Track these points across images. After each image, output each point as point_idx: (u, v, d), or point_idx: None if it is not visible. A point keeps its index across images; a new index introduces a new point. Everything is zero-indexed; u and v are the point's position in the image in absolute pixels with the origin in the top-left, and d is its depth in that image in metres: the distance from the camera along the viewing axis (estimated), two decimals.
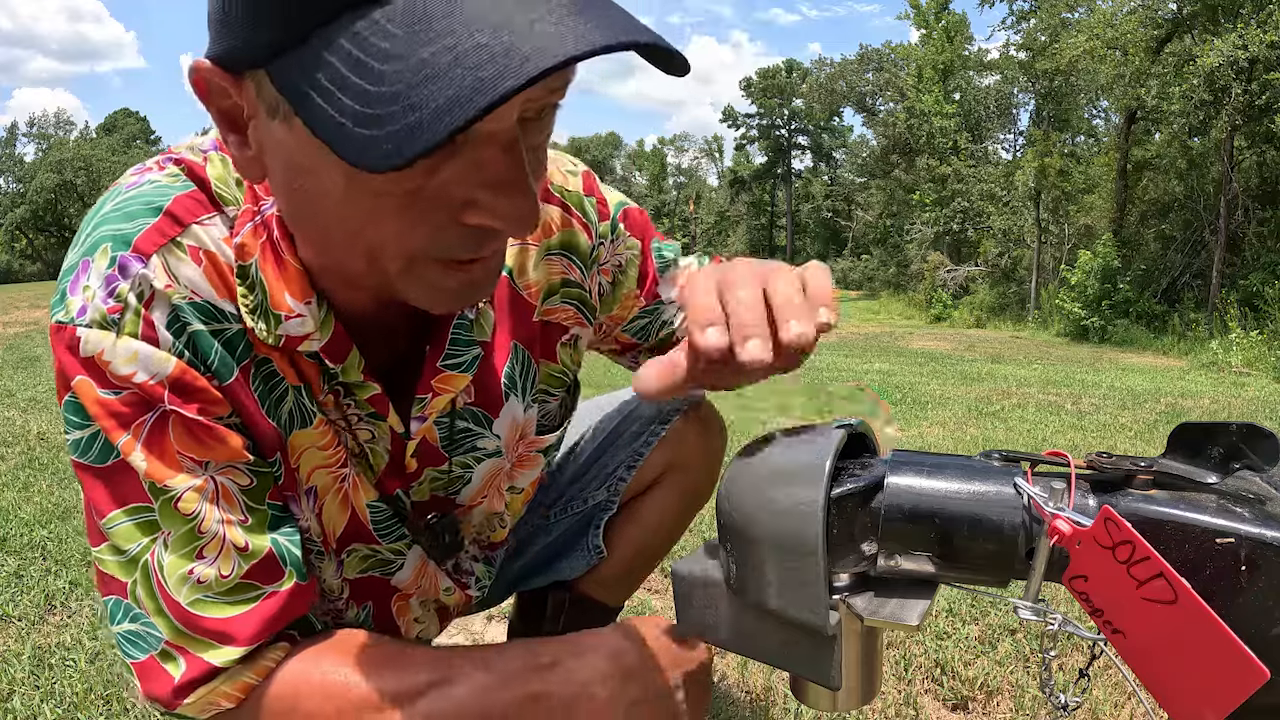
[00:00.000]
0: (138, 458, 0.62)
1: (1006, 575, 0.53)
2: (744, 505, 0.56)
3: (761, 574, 0.56)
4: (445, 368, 0.75)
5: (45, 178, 42.44)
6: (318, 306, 0.66)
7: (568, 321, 0.87)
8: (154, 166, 0.69)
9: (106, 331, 0.61)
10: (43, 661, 1.48)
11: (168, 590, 0.64)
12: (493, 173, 0.53)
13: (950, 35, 25.78)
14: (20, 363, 6.03)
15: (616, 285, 0.90)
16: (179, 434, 0.63)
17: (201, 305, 0.64)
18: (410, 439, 0.76)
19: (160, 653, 0.64)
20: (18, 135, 49.24)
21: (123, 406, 0.62)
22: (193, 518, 0.64)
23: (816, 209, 46.15)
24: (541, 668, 0.66)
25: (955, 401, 5.00)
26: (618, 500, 1.11)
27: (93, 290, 0.62)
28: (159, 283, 0.63)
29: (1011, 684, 1.46)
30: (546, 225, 0.83)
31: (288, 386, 0.70)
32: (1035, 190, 17.69)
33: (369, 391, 0.72)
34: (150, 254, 0.63)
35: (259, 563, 0.66)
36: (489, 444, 0.84)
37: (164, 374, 0.62)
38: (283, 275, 0.65)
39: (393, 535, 0.81)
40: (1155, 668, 0.46)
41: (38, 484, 2.64)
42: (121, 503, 0.64)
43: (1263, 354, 9.13)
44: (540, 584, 1.15)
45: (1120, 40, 13.60)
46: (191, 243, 0.64)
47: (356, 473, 0.76)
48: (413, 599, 0.89)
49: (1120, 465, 0.52)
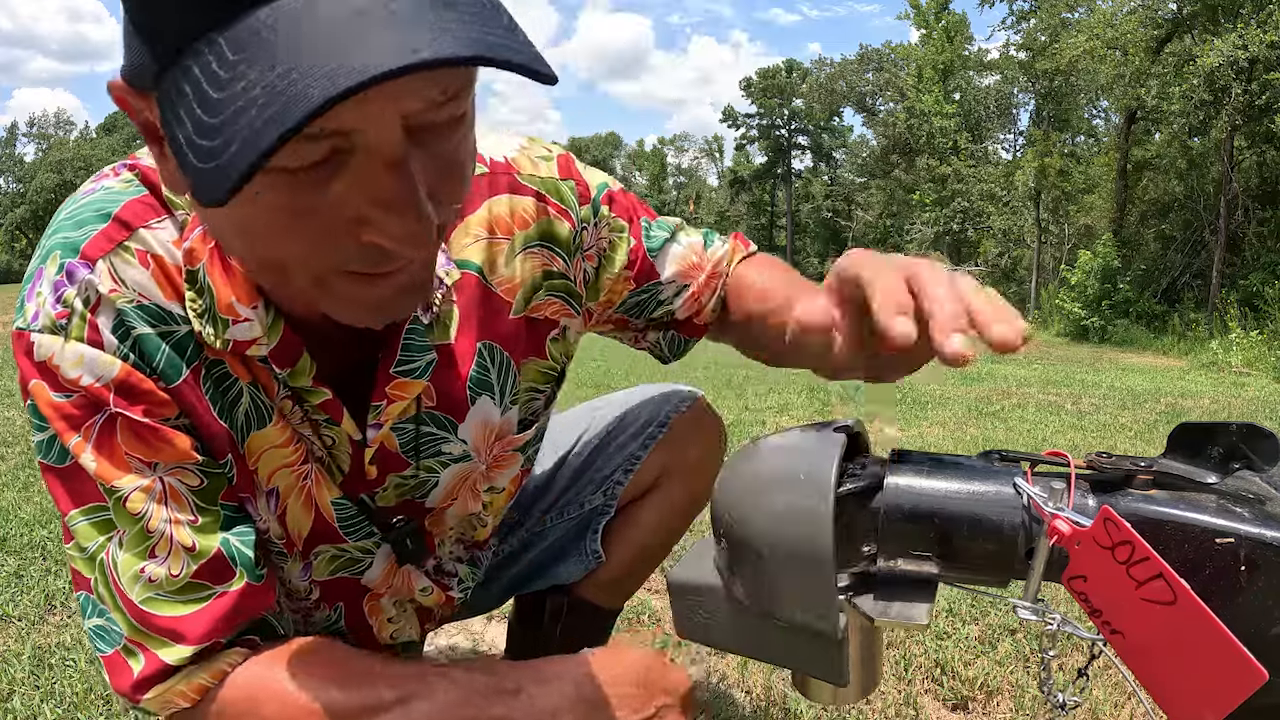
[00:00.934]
0: (88, 459, 0.64)
1: (1006, 575, 0.52)
2: (745, 510, 0.56)
3: (766, 581, 0.55)
4: (399, 374, 0.73)
5: (45, 178, 42.46)
6: (265, 311, 0.66)
7: (556, 315, 0.84)
8: (110, 173, 0.70)
9: (56, 336, 0.63)
10: (43, 661, 1.48)
11: (122, 588, 0.66)
12: (379, 191, 0.51)
13: (950, 35, 25.78)
14: None
15: (601, 269, 0.87)
16: (125, 436, 0.65)
17: (149, 308, 0.65)
18: (367, 446, 0.75)
19: (123, 648, 0.67)
20: (18, 135, 49.28)
21: (73, 409, 0.64)
22: (140, 517, 0.65)
23: (816, 209, 46.15)
24: (505, 693, 0.66)
25: (955, 401, 5.00)
26: (615, 504, 1.10)
27: (44, 297, 0.64)
28: (104, 287, 0.64)
29: (1011, 684, 1.46)
30: (519, 218, 0.80)
31: (242, 387, 0.70)
32: (1035, 190, 17.69)
33: (320, 397, 0.71)
34: (96, 259, 0.64)
35: (207, 562, 0.67)
36: (454, 448, 0.82)
37: (109, 377, 0.64)
38: (230, 280, 0.65)
39: (360, 533, 0.80)
40: (1154, 668, 0.46)
41: (38, 484, 2.64)
42: (79, 502, 0.66)
43: (1263, 354, 9.14)
44: (538, 588, 1.15)
45: (1120, 40, 13.60)
46: (139, 246, 0.65)
47: (319, 470, 0.76)
48: (384, 599, 0.87)
49: (1120, 465, 0.52)
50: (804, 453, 0.56)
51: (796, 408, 4.53)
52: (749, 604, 0.57)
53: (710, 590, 0.61)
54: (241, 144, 0.43)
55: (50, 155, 44.54)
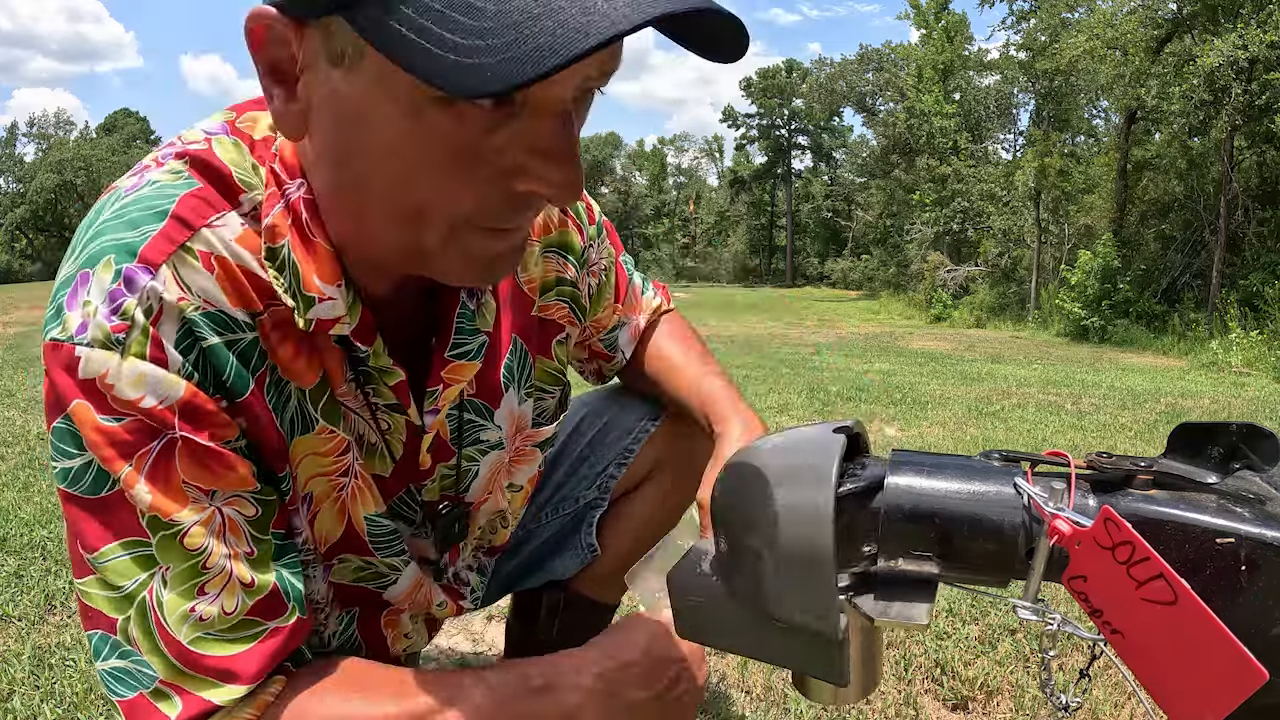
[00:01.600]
0: (140, 490, 0.58)
1: (1006, 575, 0.52)
2: (745, 510, 0.56)
3: (766, 582, 0.55)
4: (452, 357, 0.74)
5: (45, 178, 42.45)
6: (346, 289, 0.65)
7: (561, 320, 0.89)
8: (153, 164, 0.65)
9: (110, 352, 0.57)
10: (43, 661, 1.48)
11: (167, 629, 0.60)
12: (547, 140, 0.55)
13: (950, 35, 25.78)
14: (20, 363, 6.03)
15: (601, 289, 0.95)
16: (186, 462, 0.60)
17: (215, 315, 0.61)
18: (426, 432, 0.76)
19: (153, 691, 0.60)
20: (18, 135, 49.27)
21: (125, 434, 0.58)
22: (198, 553, 0.60)
23: (816, 209, 46.14)
24: (534, 691, 0.67)
25: (955, 401, 5.00)
26: (608, 498, 1.10)
27: (94, 306, 0.58)
28: (170, 295, 0.59)
29: (1011, 684, 1.46)
30: (545, 223, 0.85)
31: (292, 391, 0.68)
32: (1035, 190, 17.68)
33: (394, 378, 0.71)
34: (159, 264, 0.59)
35: (264, 599, 0.63)
36: (492, 435, 0.84)
37: (174, 398, 0.59)
38: (313, 257, 0.63)
39: (390, 550, 0.79)
40: (1154, 668, 0.46)
41: (38, 484, 2.64)
42: (117, 535, 0.59)
43: (1263, 354, 9.13)
44: (534, 584, 1.15)
45: (1120, 40, 13.59)
46: (202, 248, 0.61)
47: (358, 484, 0.74)
48: (404, 614, 0.87)
49: (1120, 465, 0.52)
50: (804, 453, 0.56)
51: (796, 408, 4.53)
52: (749, 604, 0.57)
53: (710, 590, 0.61)
54: (537, 49, 0.45)
55: (50, 155, 44.51)
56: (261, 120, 0.68)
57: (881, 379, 6.14)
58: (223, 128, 0.67)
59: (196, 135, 0.66)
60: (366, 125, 0.54)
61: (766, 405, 4.59)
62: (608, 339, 1.01)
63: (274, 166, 0.65)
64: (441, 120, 0.52)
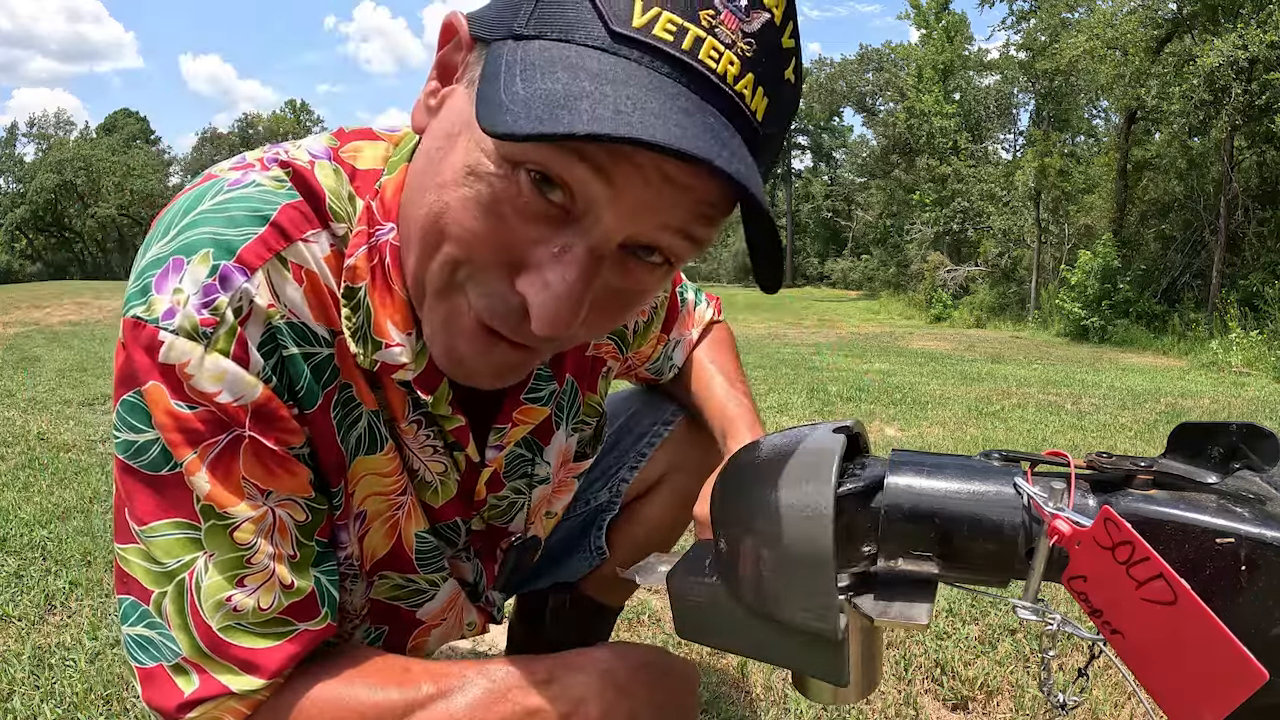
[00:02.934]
0: (201, 479, 0.60)
1: (1006, 575, 0.52)
2: (745, 510, 0.56)
3: (766, 582, 0.55)
4: (527, 400, 0.77)
5: (45, 178, 42.42)
6: (416, 339, 0.66)
7: (606, 355, 0.91)
8: (257, 164, 0.66)
9: (195, 343, 0.58)
10: (43, 661, 1.48)
11: (201, 612, 0.62)
12: (555, 262, 0.55)
13: (950, 35, 25.78)
14: (20, 363, 6.03)
15: (650, 324, 0.97)
16: (249, 460, 0.61)
17: (298, 326, 0.63)
18: (486, 467, 0.78)
19: (173, 665, 0.62)
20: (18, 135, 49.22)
21: (197, 423, 0.59)
22: (246, 548, 0.62)
23: (816, 209, 46.12)
24: (538, 682, 0.67)
25: (955, 401, 5.00)
26: (620, 501, 1.11)
27: (185, 295, 0.59)
28: (261, 300, 0.60)
29: (1011, 684, 1.46)
30: None
31: (364, 411, 0.69)
32: (1035, 190, 17.69)
33: (454, 424, 0.73)
34: (256, 268, 0.60)
35: (300, 601, 0.65)
36: (541, 470, 0.86)
37: (250, 398, 0.60)
38: (389, 303, 0.65)
39: (433, 566, 0.81)
40: (1154, 668, 0.46)
41: (38, 484, 2.64)
42: (169, 514, 0.61)
43: (1263, 354, 9.13)
44: (542, 585, 1.15)
45: (1120, 40, 13.60)
46: (295, 260, 0.62)
47: (413, 501, 0.76)
48: (435, 631, 0.88)
49: (1120, 465, 0.52)
50: (804, 453, 0.56)
51: (796, 408, 4.53)
52: (749, 604, 0.57)
53: (710, 591, 0.61)
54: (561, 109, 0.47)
55: (50, 155, 44.46)
56: (365, 151, 0.69)
57: (881, 379, 6.14)
58: (327, 153, 0.68)
59: (302, 154, 0.67)
60: (452, 142, 0.57)
61: (766, 405, 4.59)
62: (653, 367, 1.04)
63: (372, 204, 0.66)
64: (500, 175, 0.54)
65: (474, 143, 0.55)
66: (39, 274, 40.96)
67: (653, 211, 0.54)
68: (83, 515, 2.31)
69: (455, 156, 0.56)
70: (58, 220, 43.74)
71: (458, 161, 0.56)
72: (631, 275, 0.58)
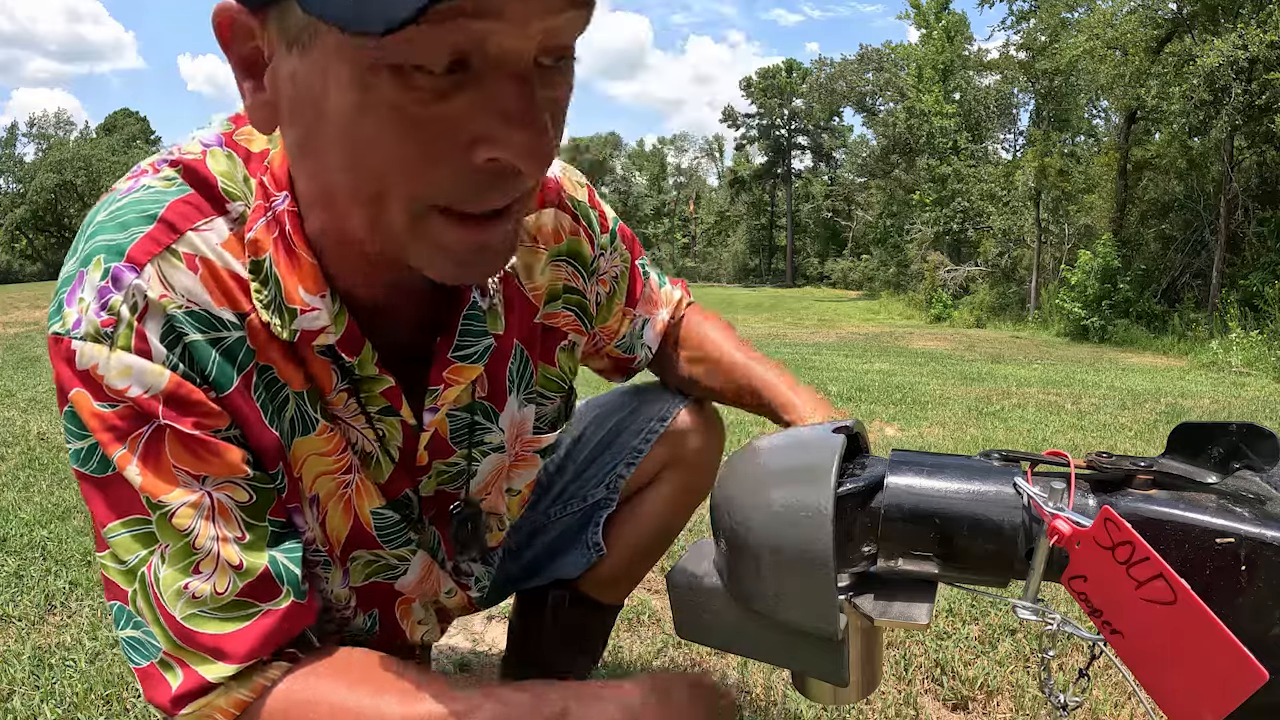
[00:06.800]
0: (133, 472, 0.62)
1: (1006, 575, 0.53)
2: (745, 511, 0.56)
3: (766, 582, 0.55)
4: (456, 359, 0.74)
5: (45, 178, 42.44)
6: (331, 300, 0.66)
7: (567, 327, 0.89)
8: (149, 169, 0.67)
9: (100, 345, 0.61)
10: (43, 661, 1.48)
11: (163, 604, 0.63)
12: (505, 103, 0.52)
13: (950, 35, 25.80)
14: (20, 363, 6.03)
15: (612, 297, 0.94)
16: (174, 448, 0.63)
17: (198, 314, 0.64)
18: (423, 430, 0.76)
19: (160, 661, 0.64)
20: (18, 135, 49.26)
21: (118, 420, 0.62)
22: (186, 533, 0.63)
23: (816, 209, 46.15)
24: (549, 715, 0.64)
25: (955, 401, 5.00)
26: (617, 498, 1.11)
27: (87, 302, 0.62)
28: (153, 293, 0.62)
29: (1011, 684, 1.46)
30: (556, 231, 0.85)
31: (289, 394, 0.69)
32: (1035, 190, 17.69)
33: (383, 385, 0.71)
34: (144, 263, 0.62)
35: (255, 581, 0.65)
36: (494, 438, 0.84)
37: (158, 388, 0.62)
38: (296, 269, 0.64)
39: (397, 541, 0.81)
40: (1154, 668, 0.46)
41: (38, 484, 2.64)
42: (120, 514, 0.63)
43: (1263, 354, 9.13)
44: (540, 583, 1.15)
45: (1120, 40, 13.60)
46: (187, 250, 0.64)
47: (362, 478, 0.76)
48: (415, 602, 0.88)
49: (1120, 465, 0.52)
50: (804, 453, 0.56)
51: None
52: (749, 604, 0.57)
53: (710, 590, 0.61)
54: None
55: (50, 155, 44.49)
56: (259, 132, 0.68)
57: (881, 379, 6.14)
58: (218, 139, 0.68)
59: (194, 146, 0.68)
60: (323, 105, 0.53)
61: None
62: (623, 344, 1.01)
63: (263, 179, 0.66)
64: (390, 90, 0.50)
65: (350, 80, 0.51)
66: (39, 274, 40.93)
67: (553, 15, 0.51)
68: (83, 515, 2.31)
69: (338, 111, 0.52)
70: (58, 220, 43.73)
71: (344, 113, 0.52)
72: (553, 82, 0.55)
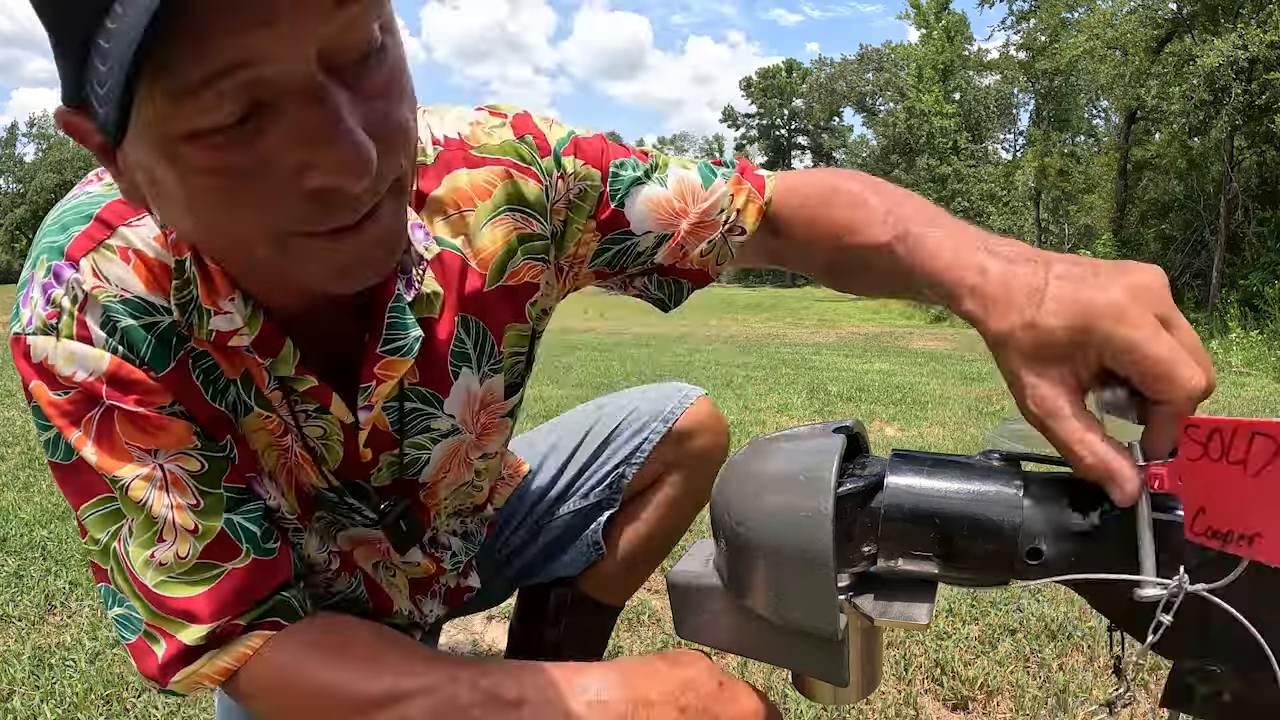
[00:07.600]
0: (89, 452, 0.66)
1: (1007, 575, 0.52)
2: (745, 511, 0.56)
3: (765, 582, 0.55)
4: (386, 354, 0.73)
5: (45, 178, 42.49)
6: (243, 302, 0.67)
7: (534, 278, 0.81)
8: (94, 178, 0.72)
9: (48, 336, 0.66)
10: (43, 661, 1.48)
11: (135, 574, 0.68)
12: (306, 127, 0.50)
13: (950, 35, 25.81)
14: None
15: (569, 222, 0.82)
16: (123, 426, 0.67)
17: (131, 301, 0.67)
18: (360, 429, 0.76)
19: (145, 633, 0.69)
20: (18, 135, 49.28)
21: (70, 405, 0.66)
22: (143, 504, 0.67)
23: None
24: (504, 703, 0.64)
25: (955, 401, 5.00)
26: (620, 497, 1.11)
27: (35, 300, 0.67)
28: (88, 284, 0.66)
29: (1011, 684, 1.46)
30: (479, 189, 0.77)
31: (226, 380, 0.71)
32: (1035, 190, 17.70)
33: (305, 384, 0.72)
34: (80, 258, 0.66)
35: (213, 542, 0.69)
36: (442, 424, 0.82)
37: (100, 370, 0.66)
38: (204, 275, 0.66)
39: (355, 521, 0.83)
40: None
41: (38, 484, 2.64)
42: (88, 496, 0.68)
43: (1263, 354, 9.13)
44: (541, 580, 1.16)
45: (1120, 40, 13.61)
46: (120, 243, 0.67)
47: (301, 452, 0.77)
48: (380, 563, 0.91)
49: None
50: (804, 453, 0.56)
51: (796, 408, 4.53)
52: (749, 604, 0.57)
53: (710, 590, 0.61)
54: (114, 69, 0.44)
55: (50, 155, 44.52)
56: None
57: (881, 379, 6.14)
58: None
59: None
60: (155, 185, 0.54)
61: (766, 405, 4.60)
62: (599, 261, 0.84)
63: None
64: (199, 156, 0.50)
65: (163, 157, 0.51)
66: None
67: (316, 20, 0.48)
68: None
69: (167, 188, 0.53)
70: None
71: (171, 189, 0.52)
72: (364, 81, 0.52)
